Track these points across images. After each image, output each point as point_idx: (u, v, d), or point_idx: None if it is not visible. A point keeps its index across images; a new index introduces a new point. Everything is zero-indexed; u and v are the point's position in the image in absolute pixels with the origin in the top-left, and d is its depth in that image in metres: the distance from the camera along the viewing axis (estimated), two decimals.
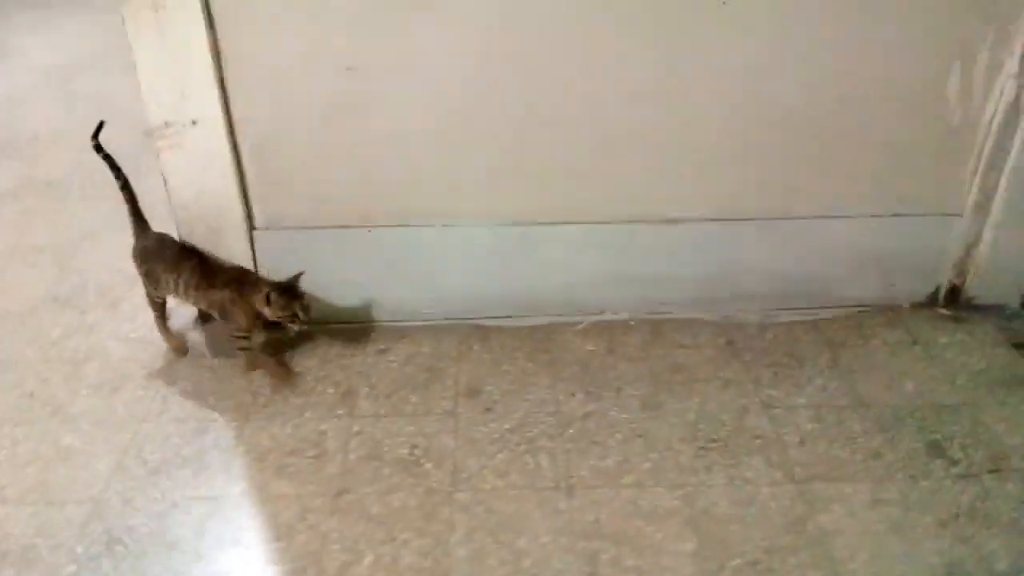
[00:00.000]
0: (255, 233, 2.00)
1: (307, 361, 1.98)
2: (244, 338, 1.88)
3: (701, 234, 2.05)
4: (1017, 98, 1.87)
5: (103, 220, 2.57)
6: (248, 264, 2.00)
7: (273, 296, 1.77)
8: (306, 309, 1.80)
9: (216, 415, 1.82)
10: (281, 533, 1.53)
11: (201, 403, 1.85)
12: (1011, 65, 1.85)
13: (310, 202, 2.00)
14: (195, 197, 1.94)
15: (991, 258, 2.09)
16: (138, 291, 2.03)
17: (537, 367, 1.96)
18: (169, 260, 1.88)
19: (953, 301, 2.16)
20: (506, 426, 1.78)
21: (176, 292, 1.89)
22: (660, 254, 2.08)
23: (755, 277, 2.12)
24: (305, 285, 1.84)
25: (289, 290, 1.79)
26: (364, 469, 1.67)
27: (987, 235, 2.05)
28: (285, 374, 1.91)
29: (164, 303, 1.98)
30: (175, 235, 1.97)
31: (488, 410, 1.82)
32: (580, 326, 2.10)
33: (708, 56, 1.84)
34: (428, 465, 1.68)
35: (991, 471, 1.65)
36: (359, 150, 1.93)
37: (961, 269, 2.11)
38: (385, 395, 1.87)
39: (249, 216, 1.98)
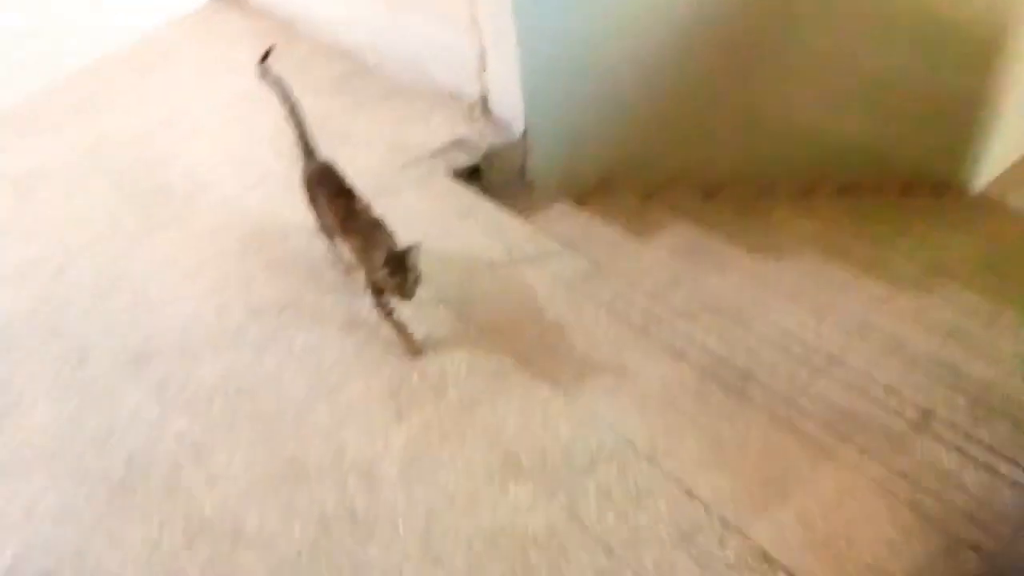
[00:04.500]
0: None
1: None
2: (378, 290, 1.73)
3: None
4: None
5: None
6: None
7: (382, 261, 1.62)
8: (409, 285, 1.62)
9: None
10: None
11: None
12: None
13: None
14: None
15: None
16: None
17: None
18: (329, 191, 1.82)
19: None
20: None
21: (333, 225, 1.83)
22: None
23: None
24: None
25: (397, 260, 1.61)
26: None
27: None
28: (415, 346, 1.78)
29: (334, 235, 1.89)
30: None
31: None
32: None
33: None
34: None
35: None
36: None
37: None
38: None
39: None
